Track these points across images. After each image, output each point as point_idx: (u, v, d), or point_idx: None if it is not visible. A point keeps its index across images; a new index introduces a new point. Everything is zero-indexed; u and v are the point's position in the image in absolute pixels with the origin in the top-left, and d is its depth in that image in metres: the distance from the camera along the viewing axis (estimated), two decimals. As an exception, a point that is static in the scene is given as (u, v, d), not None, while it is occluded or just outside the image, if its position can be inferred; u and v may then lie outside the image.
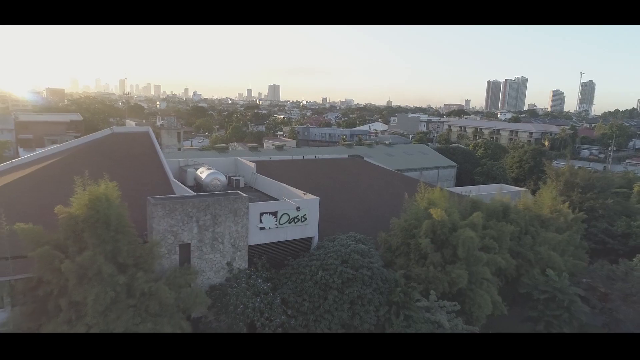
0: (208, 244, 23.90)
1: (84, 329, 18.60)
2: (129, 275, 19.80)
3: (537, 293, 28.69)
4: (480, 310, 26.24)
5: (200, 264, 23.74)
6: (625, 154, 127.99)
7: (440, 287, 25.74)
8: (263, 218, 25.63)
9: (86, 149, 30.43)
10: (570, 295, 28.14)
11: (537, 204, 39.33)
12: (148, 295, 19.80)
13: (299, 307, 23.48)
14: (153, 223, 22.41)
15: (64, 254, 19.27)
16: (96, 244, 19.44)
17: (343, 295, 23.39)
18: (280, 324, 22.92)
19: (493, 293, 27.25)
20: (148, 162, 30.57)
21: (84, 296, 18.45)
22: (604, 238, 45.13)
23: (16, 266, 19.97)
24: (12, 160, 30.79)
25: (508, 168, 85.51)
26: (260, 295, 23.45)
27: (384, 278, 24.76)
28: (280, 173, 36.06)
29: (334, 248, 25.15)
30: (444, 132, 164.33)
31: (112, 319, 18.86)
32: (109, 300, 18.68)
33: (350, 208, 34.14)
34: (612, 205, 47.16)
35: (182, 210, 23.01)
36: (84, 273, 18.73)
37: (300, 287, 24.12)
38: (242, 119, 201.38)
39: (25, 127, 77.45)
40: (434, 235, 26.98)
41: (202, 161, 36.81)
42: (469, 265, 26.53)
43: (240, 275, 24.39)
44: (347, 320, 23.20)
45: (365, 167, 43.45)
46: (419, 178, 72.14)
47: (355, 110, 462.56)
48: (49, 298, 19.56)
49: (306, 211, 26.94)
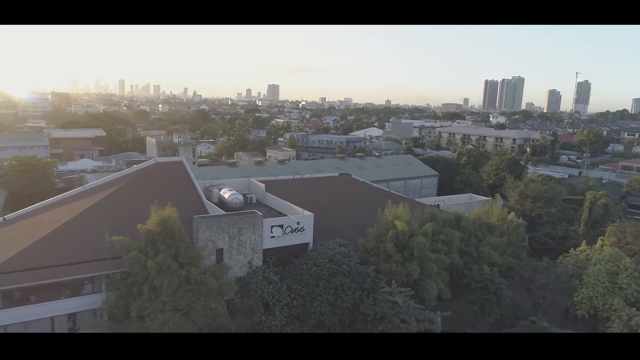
0: (235, 248, 34.12)
1: (160, 305, 28.73)
2: (186, 269, 29.96)
3: (475, 283, 38.92)
4: (429, 295, 36.46)
5: (230, 262, 33.94)
6: (600, 160, 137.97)
7: (400, 278, 35.94)
8: (273, 229, 35.90)
9: (140, 177, 40.58)
10: (497, 284, 38.35)
11: (487, 213, 49.54)
12: (199, 283, 30.01)
13: (299, 292, 33.72)
14: (198, 234, 32.62)
15: (145, 256, 29.42)
16: (165, 249, 29.61)
17: (329, 283, 33.60)
18: (286, 304, 33.13)
19: (439, 282, 37.45)
20: (185, 186, 40.71)
21: (160, 283, 28.62)
22: (546, 240, 55.52)
23: (112, 264, 30.14)
24: (84, 186, 40.94)
25: (486, 175, 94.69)
26: (272, 284, 33.64)
27: (359, 272, 34.98)
28: (283, 190, 46.25)
29: (323, 250, 35.39)
30: (435, 138, 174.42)
31: (178, 298, 29.05)
32: (175, 286, 28.88)
33: (338, 219, 44.34)
34: (555, 213, 57.44)
35: (218, 225, 33.22)
36: (160, 268, 28.88)
37: (300, 278, 34.34)
38: (244, 125, 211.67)
39: (56, 143, 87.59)
40: (396, 240, 37.16)
41: (222, 182, 47.05)
42: (421, 262, 36.72)
43: (257, 270, 34.60)
44: (332, 301, 33.41)
45: (352, 184, 53.68)
46: (404, 187, 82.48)
47: (353, 112, 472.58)
48: (135, 285, 29.69)
49: (304, 224, 37.22)
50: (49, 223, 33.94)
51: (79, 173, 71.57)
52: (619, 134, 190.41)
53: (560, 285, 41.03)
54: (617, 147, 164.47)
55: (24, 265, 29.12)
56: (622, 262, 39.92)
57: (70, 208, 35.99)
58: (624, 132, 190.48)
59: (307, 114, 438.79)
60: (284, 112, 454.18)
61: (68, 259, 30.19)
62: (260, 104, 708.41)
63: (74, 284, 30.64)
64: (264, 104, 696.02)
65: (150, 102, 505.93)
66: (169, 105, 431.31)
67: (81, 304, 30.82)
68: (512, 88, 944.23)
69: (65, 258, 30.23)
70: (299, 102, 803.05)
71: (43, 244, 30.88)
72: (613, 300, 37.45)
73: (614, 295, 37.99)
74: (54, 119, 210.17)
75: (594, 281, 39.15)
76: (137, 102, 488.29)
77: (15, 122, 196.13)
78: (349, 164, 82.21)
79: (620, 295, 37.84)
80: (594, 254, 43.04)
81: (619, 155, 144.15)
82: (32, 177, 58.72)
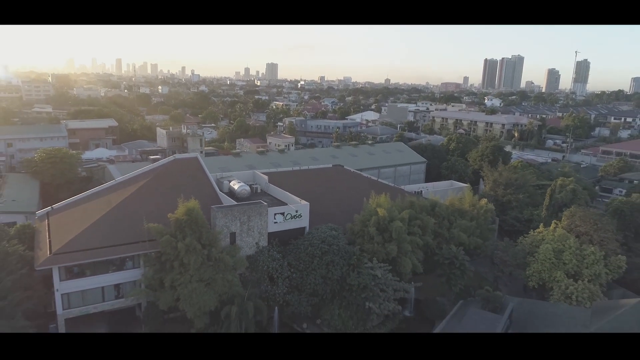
0: (245, 232, 41.84)
1: (188, 277, 36.51)
2: (208, 249, 37.67)
3: (443, 259, 46.83)
4: (404, 269, 44.37)
5: (241, 243, 41.70)
6: (584, 144, 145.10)
7: (380, 256, 43.78)
8: (276, 216, 43.57)
9: (162, 172, 47.94)
10: (461, 261, 46.26)
11: (461, 199, 57.17)
12: (218, 260, 37.78)
13: (297, 267, 41.62)
14: (216, 221, 40.27)
15: (175, 239, 37.08)
16: (191, 234, 37.25)
17: (322, 260, 41.43)
18: (287, 276, 41.03)
19: (414, 259, 45.31)
20: (201, 180, 48.14)
21: (188, 260, 36.36)
22: (514, 223, 63.34)
23: (149, 245, 37.86)
24: (117, 179, 48.39)
25: (472, 161, 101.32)
26: (275, 261, 41.46)
27: (346, 251, 42.80)
28: (284, 181, 53.74)
29: (317, 233, 43.13)
30: (429, 122, 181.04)
31: (202, 272, 36.84)
32: (199, 262, 36.65)
33: (330, 206, 51.96)
34: (523, 199, 65.10)
35: (231, 213, 40.85)
36: (187, 248, 36.57)
37: (298, 256, 42.17)
38: (244, 109, 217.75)
39: (73, 133, 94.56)
40: (378, 225, 44.86)
41: (231, 174, 54.52)
42: (398, 243, 44.49)
43: (263, 249, 42.39)
44: (324, 274, 41.30)
45: (344, 174, 61.17)
46: (394, 174, 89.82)
47: (352, 92, 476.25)
48: (167, 262, 37.44)
49: (301, 212, 44.88)
50: (93, 212, 41.56)
51: (97, 163, 78.92)
52: (605, 117, 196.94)
53: (516, 261, 49.01)
54: (604, 131, 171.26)
55: (80, 246, 36.86)
56: (567, 241, 47.77)
57: (108, 200, 43.59)
58: (611, 116, 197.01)
59: (305, 94, 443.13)
60: (282, 93, 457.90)
61: (114, 242, 37.92)
62: (259, 83, 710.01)
63: (118, 261, 38.46)
64: (263, 84, 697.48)
65: (149, 83, 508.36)
66: (168, 87, 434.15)
67: (124, 277, 38.76)
68: (511, 67, 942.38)
69: (111, 241, 37.96)
70: (298, 81, 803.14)
71: (92, 229, 38.56)
72: (556, 273, 45.42)
73: (557, 269, 45.96)
74: (59, 104, 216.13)
75: (542, 257, 47.05)
76: (136, 83, 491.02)
77: (22, 107, 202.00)
78: (343, 152, 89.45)
79: (562, 269, 45.81)
80: (547, 234, 50.84)
81: (602, 140, 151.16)
82: (60, 168, 66.17)
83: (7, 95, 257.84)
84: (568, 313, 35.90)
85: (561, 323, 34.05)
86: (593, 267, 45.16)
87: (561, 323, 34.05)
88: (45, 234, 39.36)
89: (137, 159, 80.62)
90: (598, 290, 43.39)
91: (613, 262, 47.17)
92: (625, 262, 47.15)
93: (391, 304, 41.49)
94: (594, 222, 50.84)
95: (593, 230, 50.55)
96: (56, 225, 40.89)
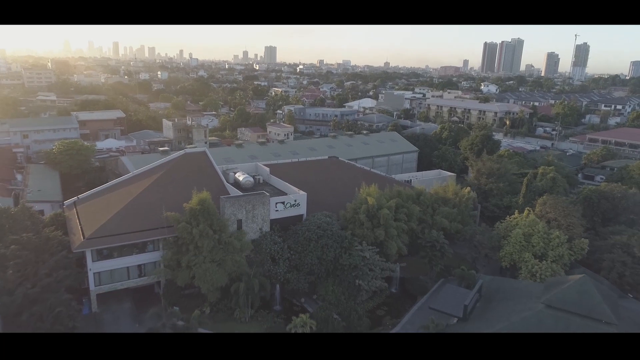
0: (250, 219, 47.60)
1: (202, 258, 42.37)
2: (218, 234, 43.45)
3: (425, 242, 52.76)
4: (390, 251, 50.31)
5: (247, 229, 47.51)
6: (572, 132, 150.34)
7: (369, 239, 49.64)
8: (277, 205, 49.31)
9: (175, 165, 53.43)
10: (441, 244, 52.17)
11: (445, 188, 62.87)
12: (227, 243, 43.61)
13: (296, 249, 47.54)
14: (224, 210, 46.00)
15: (190, 225, 42.82)
16: (203, 221, 42.98)
17: (318, 243, 47.30)
18: (287, 258, 46.96)
19: (399, 243, 51.21)
20: (209, 172, 53.71)
21: (202, 244, 42.17)
22: (494, 209, 69.15)
23: (167, 231, 43.66)
24: (133, 172, 53.93)
25: (463, 149, 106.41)
26: (277, 244, 47.33)
27: (339, 235, 48.66)
28: (284, 172, 59.36)
29: (313, 220, 48.92)
30: (424, 110, 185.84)
31: (214, 254, 42.70)
32: (211, 246, 42.48)
33: (325, 196, 57.68)
34: (503, 187, 70.80)
35: (238, 203, 46.56)
36: (201, 234, 42.35)
37: (296, 240, 48.05)
38: (244, 96, 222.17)
39: (84, 124, 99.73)
40: (368, 212, 50.61)
41: (236, 166, 60.08)
42: (386, 228, 50.33)
43: (266, 234, 48.23)
44: (320, 255, 47.21)
45: (339, 165, 66.75)
46: (387, 162, 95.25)
47: (350, 76, 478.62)
48: (183, 245, 43.27)
49: (299, 201, 50.62)
50: (116, 202, 47.26)
51: (108, 153, 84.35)
52: (597, 105, 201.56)
53: (492, 244, 54.94)
54: (594, 119, 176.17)
55: (108, 232, 42.66)
56: (536, 226, 53.59)
57: (128, 191, 49.25)
58: (601, 104, 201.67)
59: (304, 79, 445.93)
60: (281, 78, 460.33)
61: (137, 228, 43.72)
62: (258, 67, 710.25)
63: (141, 245, 44.31)
64: (262, 68, 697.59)
65: (148, 68, 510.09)
66: (167, 72, 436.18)
67: (146, 258, 44.72)
68: (511, 50, 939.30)
69: (134, 227, 43.75)
70: (297, 65, 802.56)
71: (118, 217, 44.32)
72: (525, 255, 51.34)
73: (526, 250, 51.86)
74: (61, 91, 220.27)
75: (514, 241, 52.89)
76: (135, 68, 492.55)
77: (26, 95, 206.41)
78: (340, 142, 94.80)
79: (531, 251, 51.72)
80: (520, 220, 56.65)
81: (590, 128, 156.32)
82: (77, 160, 71.67)
83: (10, 83, 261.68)
84: (528, 288, 41.82)
85: (520, 296, 39.99)
86: (557, 249, 51.04)
87: (520, 296, 39.99)
88: (76, 221, 45.15)
89: (146, 150, 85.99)
90: (560, 269, 49.39)
91: (577, 244, 53.02)
92: (587, 245, 53.02)
93: (378, 281, 47.49)
94: (562, 209, 56.65)
95: (561, 217, 56.38)
96: (84, 213, 46.65)
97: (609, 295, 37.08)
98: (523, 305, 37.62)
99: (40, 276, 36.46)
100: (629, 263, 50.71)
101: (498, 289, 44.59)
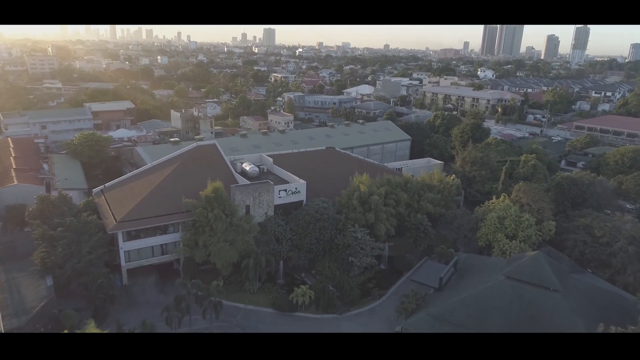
0: (257, 204, 54.54)
1: (216, 239, 49.36)
2: (230, 218, 50.38)
3: (410, 225, 59.83)
4: (380, 233, 57.38)
5: (254, 213, 54.47)
6: (561, 119, 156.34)
7: (361, 222, 56.66)
8: (280, 192, 56.24)
9: (189, 156, 60.06)
10: (425, 226, 59.24)
11: (431, 175, 69.67)
12: (237, 226, 50.61)
13: (297, 231, 54.61)
14: (234, 197, 52.89)
15: (206, 210, 49.71)
16: (217, 206, 49.88)
17: (316, 226, 54.33)
18: (289, 238, 54.05)
19: (387, 225, 58.26)
20: (219, 163, 60.40)
21: (216, 226, 49.13)
22: (477, 195, 76.03)
23: (186, 215, 50.59)
24: (151, 163, 60.62)
25: (454, 138, 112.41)
26: (280, 226, 54.36)
27: (334, 218, 55.69)
28: (285, 162, 66.12)
29: (312, 205, 55.90)
30: (420, 97, 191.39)
31: (226, 235, 49.70)
32: (224, 228, 49.47)
33: (323, 183, 64.53)
34: (485, 174, 77.57)
35: (246, 191, 53.43)
36: (215, 217, 49.26)
37: (297, 223, 55.08)
38: (245, 83, 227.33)
39: (96, 115, 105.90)
40: (360, 198, 57.54)
41: (242, 157, 66.79)
42: (376, 212, 57.31)
43: (271, 218, 55.24)
44: (317, 236, 54.31)
45: (335, 155, 73.44)
46: (381, 151, 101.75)
47: (350, 60, 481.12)
48: (200, 227, 50.23)
49: (300, 189, 57.53)
50: (140, 190, 54.10)
51: (122, 143, 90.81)
52: (587, 92, 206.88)
53: (470, 226, 62.02)
54: (584, 106, 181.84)
55: (136, 216, 49.62)
56: (509, 210, 60.61)
57: (150, 180, 56.06)
58: (592, 91, 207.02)
59: (303, 64, 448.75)
60: (280, 62, 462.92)
61: (159, 212, 50.67)
62: (257, 50, 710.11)
63: (163, 227, 51.35)
64: (261, 51, 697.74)
65: (147, 52, 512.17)
66: (167, 56, 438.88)
67: (168, 239, 51.84)
68: (511, 33, 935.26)
69: (157, 212, 50.69)
70: (296, 47, 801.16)
71: (143, 203, 51.22)
72: (498, 235, 58.47)
73: (500, 232, 58.97)
74: (65, 78, 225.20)
75: (489, 223, 59.95)
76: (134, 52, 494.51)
77: (31, 82, 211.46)
78: (337, 131, 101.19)
79: (503, 232, 58.82)
80: (496, 205, 63.64)
81: (578, 115, 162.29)
82: (96, 150, 78.23)
83: (14, 69, 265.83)
84: (495, 264, 48.95)
85: (487, 270, 47.16)
86: (526, 230, 58.12)
87: (487, 270, 47.16)
88: (106, 206, 52.09)
89: (156, 140, 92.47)
90: (528, 247, 56.53)
91: (545, 226, 60.15)
92: (554, 227, 60.14)
93: (369, 258, 54.67)
94: (533, 195, 63.60)
95: (533, 202, 63.35)
96: (112, 199, 53.55)
97: (560, 268, 44.27)
98: (488, 277, 44.79)
99: (83, 253, 43.50)
100: (589, 242, 57.90)
101: (472, 265, 51.77)
